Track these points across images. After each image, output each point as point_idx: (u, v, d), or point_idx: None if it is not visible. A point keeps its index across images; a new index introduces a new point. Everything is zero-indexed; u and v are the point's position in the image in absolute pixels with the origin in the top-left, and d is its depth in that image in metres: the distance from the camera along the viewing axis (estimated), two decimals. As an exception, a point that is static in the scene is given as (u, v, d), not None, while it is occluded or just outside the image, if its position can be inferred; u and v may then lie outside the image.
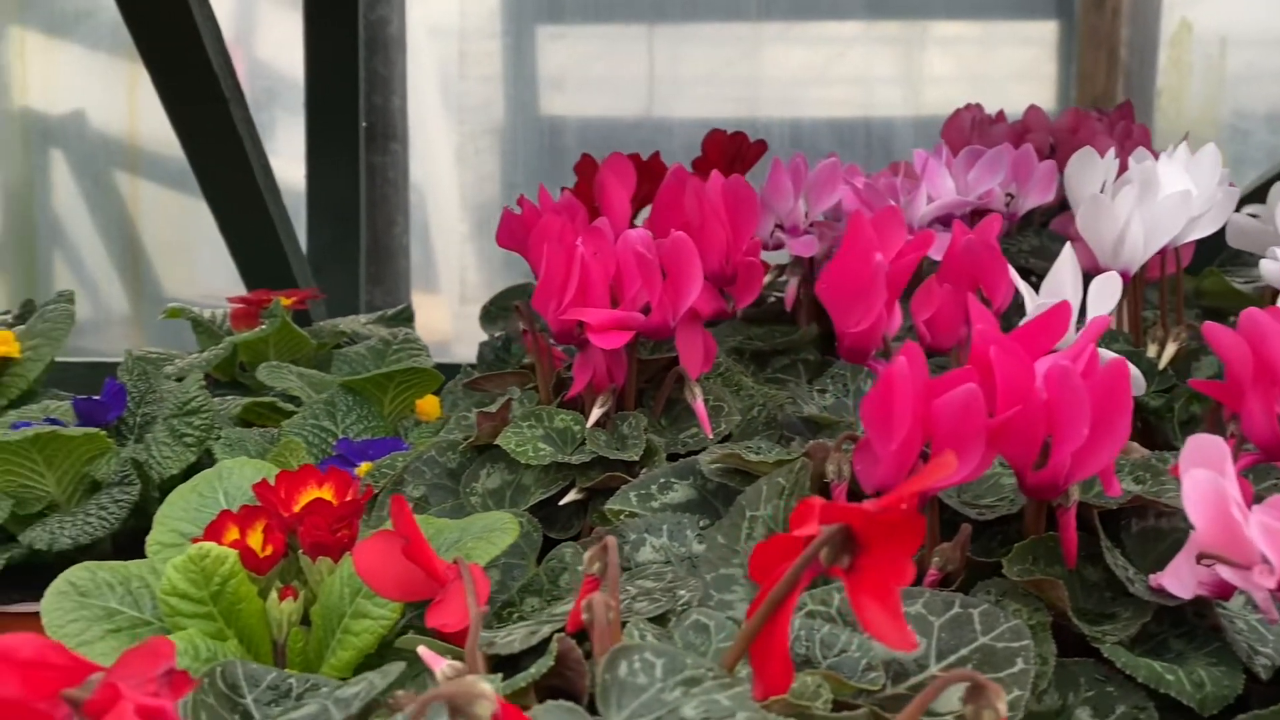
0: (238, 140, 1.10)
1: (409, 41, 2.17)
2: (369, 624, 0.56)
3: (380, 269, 1.74)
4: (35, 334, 0.98)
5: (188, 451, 0.78)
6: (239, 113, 1.09)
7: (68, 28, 3.25)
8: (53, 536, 0.73)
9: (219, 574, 0.57)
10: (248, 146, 1.11)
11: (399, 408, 0.94)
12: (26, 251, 3.37)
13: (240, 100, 1.09)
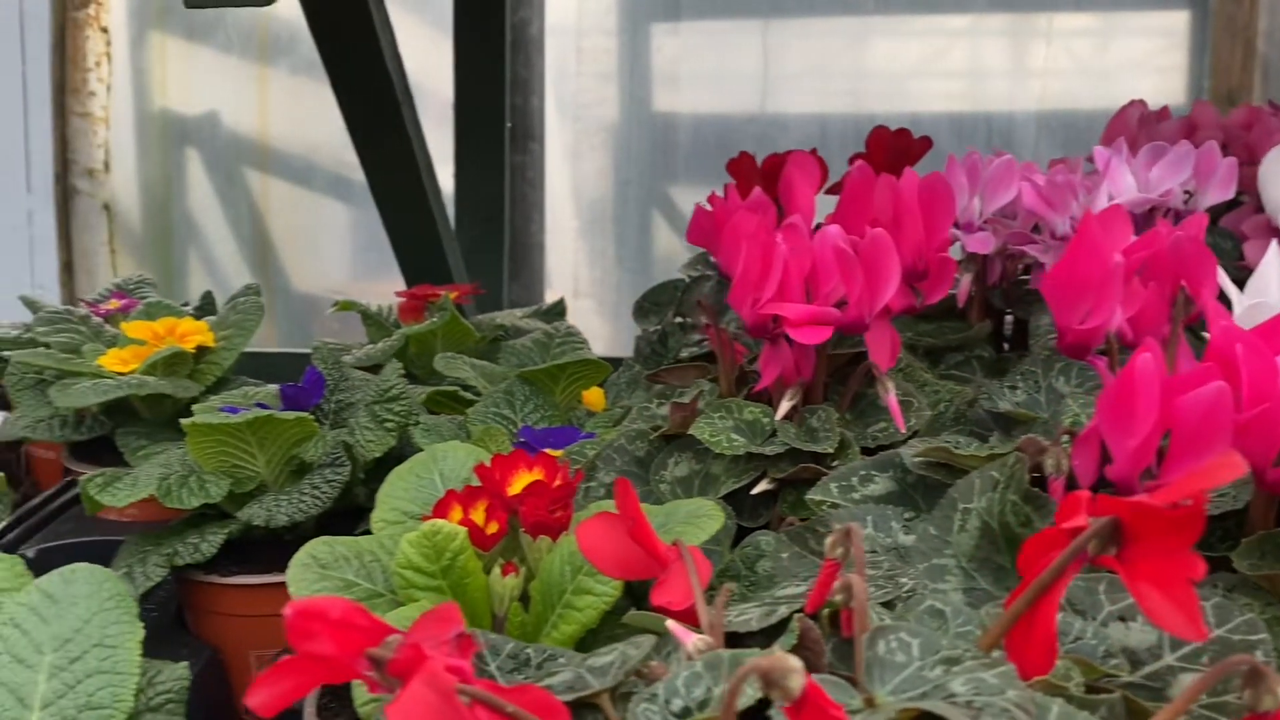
0: (407, 141, 1.15)
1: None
2: (592, 600, 0.59)
3: (517, 265, 1.79)
4: (228, 324, 1.05)
5: (388, 436, 0.83)
6: (409, 114, 1.14)
7: (204, 33, 3.41)
8: (269, 514, 0.78)
9: (449, 549, 0.61)
10: (415, 147, 1.16)
11: (569, 398, 0.97)
12: (164, 246, 3.54)
13: (410, 103, 1.14)
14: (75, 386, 0.93)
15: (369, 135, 1.14)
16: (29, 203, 3.44)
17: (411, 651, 0.42)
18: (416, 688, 0.40)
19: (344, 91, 1.10)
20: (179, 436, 0.97)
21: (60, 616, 0.56)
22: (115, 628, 0.56)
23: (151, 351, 1.00)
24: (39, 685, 0.54)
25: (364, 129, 1.14)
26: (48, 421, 0.98)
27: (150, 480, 0.79)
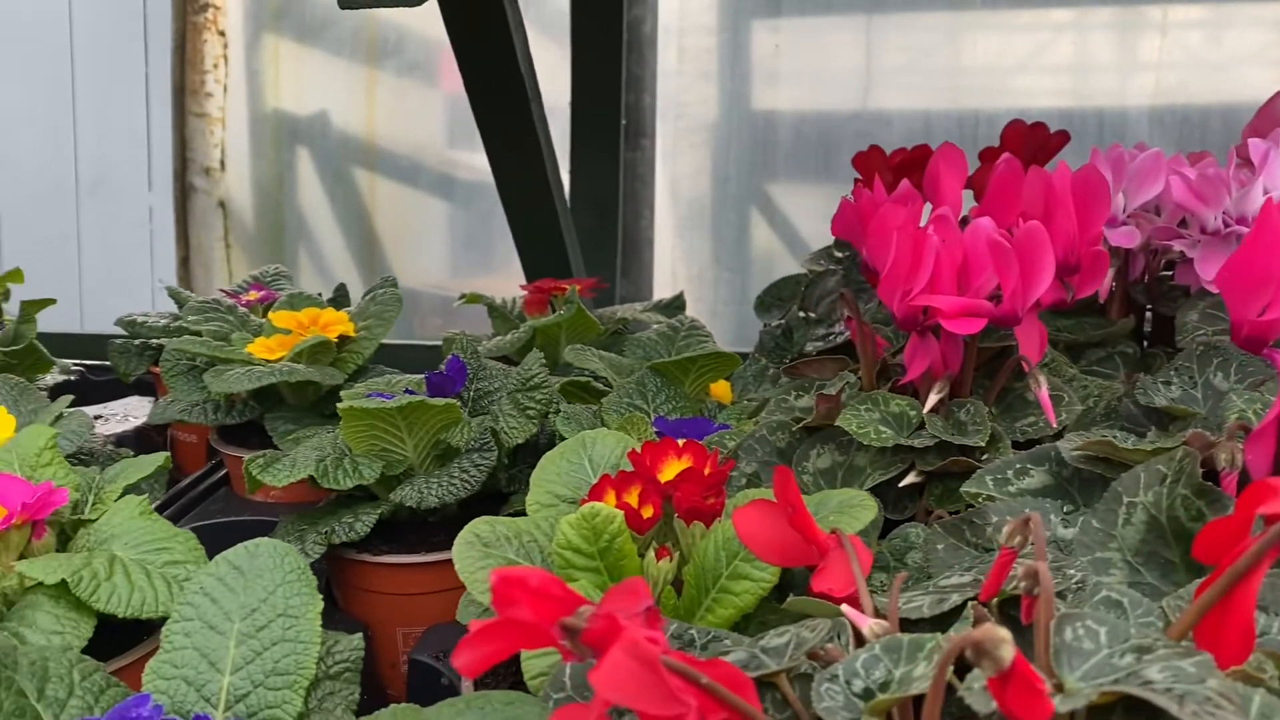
0: (535, 138, 1.17)
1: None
2: (749, 585, 0.60)
3: (627, 261, 1.81)
4: (368, 315, 1.09)
5: (530, 423, 0.85)
6: (538, 112, 1.16)
7: (314, 35, 3.51)
8: (420, 495, 0.81)
9: (608, 532, 0.62)
10: (543, 145, 1.19)
11: (698, 390, 0.98)
12: (275, 242, 3.66)
13: (539, 101, 1.17)
14: (228, 373, 0.98)
15: (499, 132, 1.17)
16: (150, 199, 3.59)
17: (607, 622, 0.43)
18: (618, 656, 0.41)
19: (476, 88, 1.13)
20: (322, 421, 1.02)
21: (247, 587, 0.59)
22: (297, 599, 0.59)
23: (297, 340, 1.04)
24: (229, 650, 0.58)
25: (494, 125, 1.16)
26: (201, 405, 1.03)
27: (308, 462, 0.82)
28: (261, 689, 0.56)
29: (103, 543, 0.73)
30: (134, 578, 0.69)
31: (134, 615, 0.68)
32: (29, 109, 3.49)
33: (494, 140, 1.18)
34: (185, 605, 0.59)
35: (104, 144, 3.55)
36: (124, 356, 1.23)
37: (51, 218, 3.50)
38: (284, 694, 0.56)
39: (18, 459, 0.79)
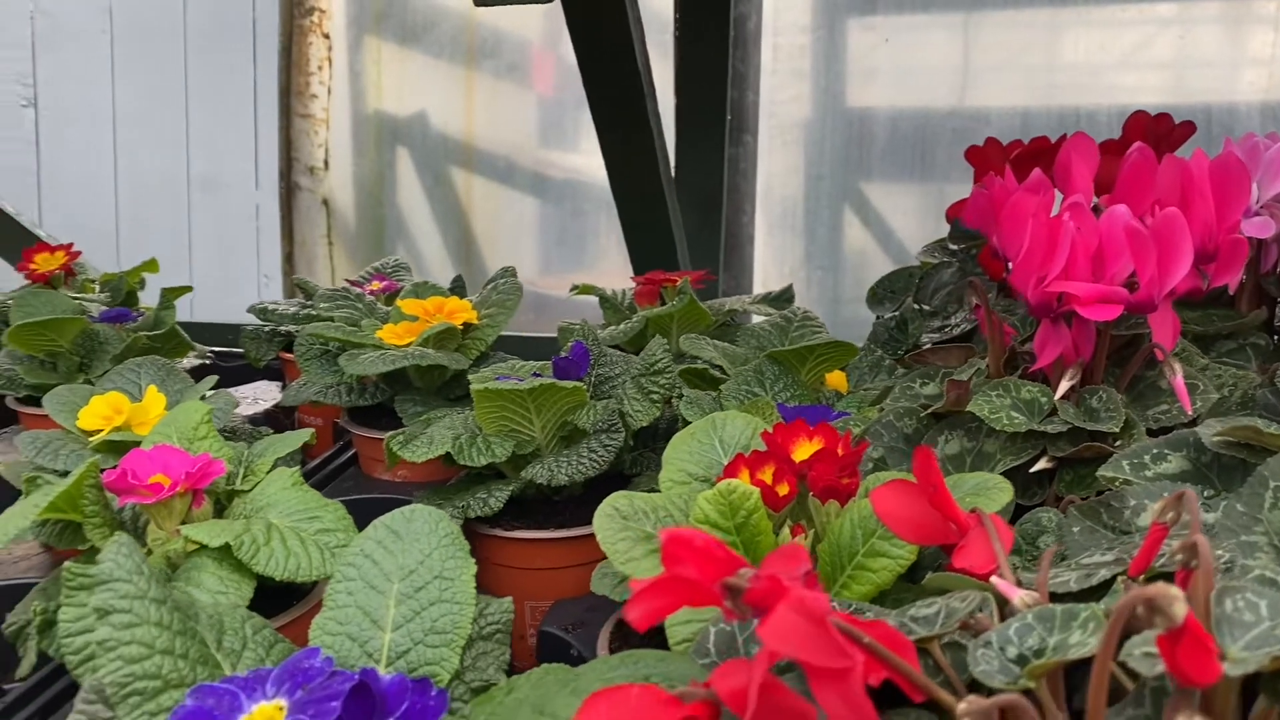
0: (649, 134, 1.19)
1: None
2: (887, 563, 0.61)
3: (728, 255, 1.82)
4: (490, 304, 1.12)
5: (654, 407, 0.87)
6: (652, 107, 1.19)
7: (415, 37, 3.60)
8: (551, 473, 0.84)
9: (744, 508, 0.64)
10: (656, 140, 1.21)
11: (814, 378, 0.99)
12: (375, 240, 3.76)
13: (654, 97, 1.19)
14: (362, 356, 1.02)
15: (614, 127, 1.20)
16: (257, 198, 3.72)
17: (770, 582, 0.45)
18: (785, 612, 0.43)
19: (595, 83, 1.16)
20: (448, 404, 1.06)
21: (405, 550, 0.63)
22: (452, 562, 0.62)
23: (425, 327, 1.08)
24: (389, 609, 0.61)
25: (610, 121, 1.19)
26: (335, 387, 1.07)
27: (444, 440, 0.86)
28: (421, 646, 0.59)
29: (258, 511, 0.77)
30: (289, 544, 0.73)
31: (289, 578, 0.72)
32: (148, 109, 3.64)
33: (609, 135, 1.21)
34: (347, 566, 0.62)
35: (214, 144, 3.68)
36: (255, 342, 1.29)
37: (165, 213, 3.66)
38: (442, 651, 0.59)
39: (176, 432, 0.84)
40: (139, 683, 0.54)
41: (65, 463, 0.91)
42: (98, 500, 0.76)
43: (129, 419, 0.95)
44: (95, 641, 0.54)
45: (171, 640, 0.56)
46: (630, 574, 0.65)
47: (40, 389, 1.16)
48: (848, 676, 0.42)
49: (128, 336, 1.16)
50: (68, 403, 0.97)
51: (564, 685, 0.52)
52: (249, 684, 0.56)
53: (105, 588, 0.56)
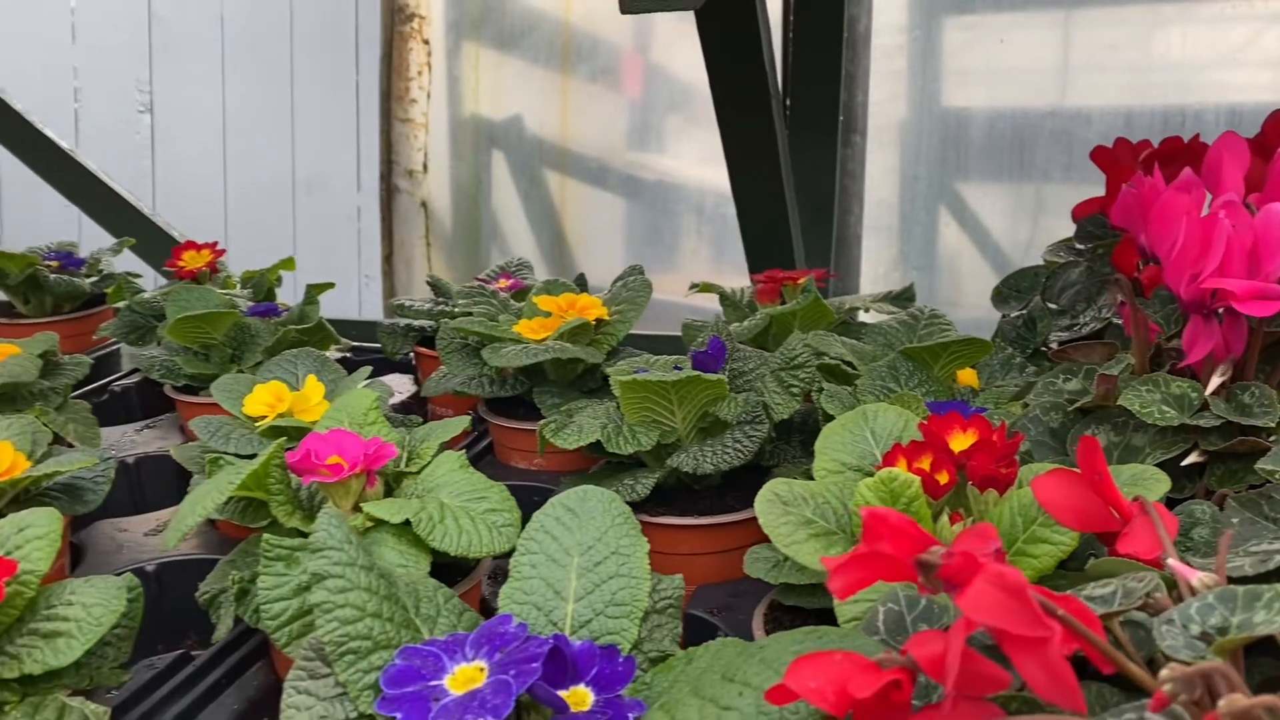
0: (773, 134, 1.23)
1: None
2: (1049, 549, 0.63)
3: (837, 255, 1.84)
4: (620, 300, 1.16)
5: (793, 400, 0.90)
6: (776, 108, 1.22)
7: (512, 42, 3.68)
8: (696, 462, 0.87)
9: (905, 495, 0.67)
10: (779, 140, 1.24)
11: (946, 375, 1.01)
12: (472, 241, 3.85)
13: (779, 97, 1.22)
14: (504, 350, 1.07)
15: (738, 129, 1.23)
16: (359, 200, 3.84)
17: (965, 558, 0.48)
18: (983, 585, 0.46)
19: (721, 87, 1.19)
20: (582, 396, 1.10)
21: (581, 527, 0.67)
22: (626, 539, 0.66)
23: (559, 322, 1.13)
24: (571, 582, 0.65)
25: (734, 123, 1.22)
26: (478, 379, 1.12)
27: (593, 429, 0.90)
28: (602, 617, 0.63)
29: (429, 491, 0.82)
30: (461, 522, 0.78)
31: (462, 554, 0.77)
32: (256, 114, 3.78)
33: (733, 138, 1.24)
34: (529, 540, 0.67)
35: (318, 147, 3.81)
36: (391, 337, 1.35)
37: (271, 214, 3.80)
38: (622, 622, 0.63)
39: (348, 417, 0.89)
40: (353, 642, 0.59)
41: (236, 446, 0.97)
42: (282, 479, 0.81)
43: (291, 406, 1.02)
44: (313, 604, 0.59)
45: (379, 604, 0.61)
46: (793, 556, 0.68)
47: (196, 378, 1.24)
48: (1047, 645, 0.44)
49: (278, 330, 1.23)
50: (233, 391, 1.04)
51: (750, 656, 0.55)
52: (449, 646, 0.60)
53: (320, 555, 0.61)
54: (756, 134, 1.23)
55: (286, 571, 0.73)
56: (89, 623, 0.70)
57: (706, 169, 3.55)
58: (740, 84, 1.18)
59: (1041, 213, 3.09)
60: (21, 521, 0.75)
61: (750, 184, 1.29)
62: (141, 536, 1.03)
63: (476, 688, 0.57)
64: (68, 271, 1.52)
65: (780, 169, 1.27)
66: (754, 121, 1.22)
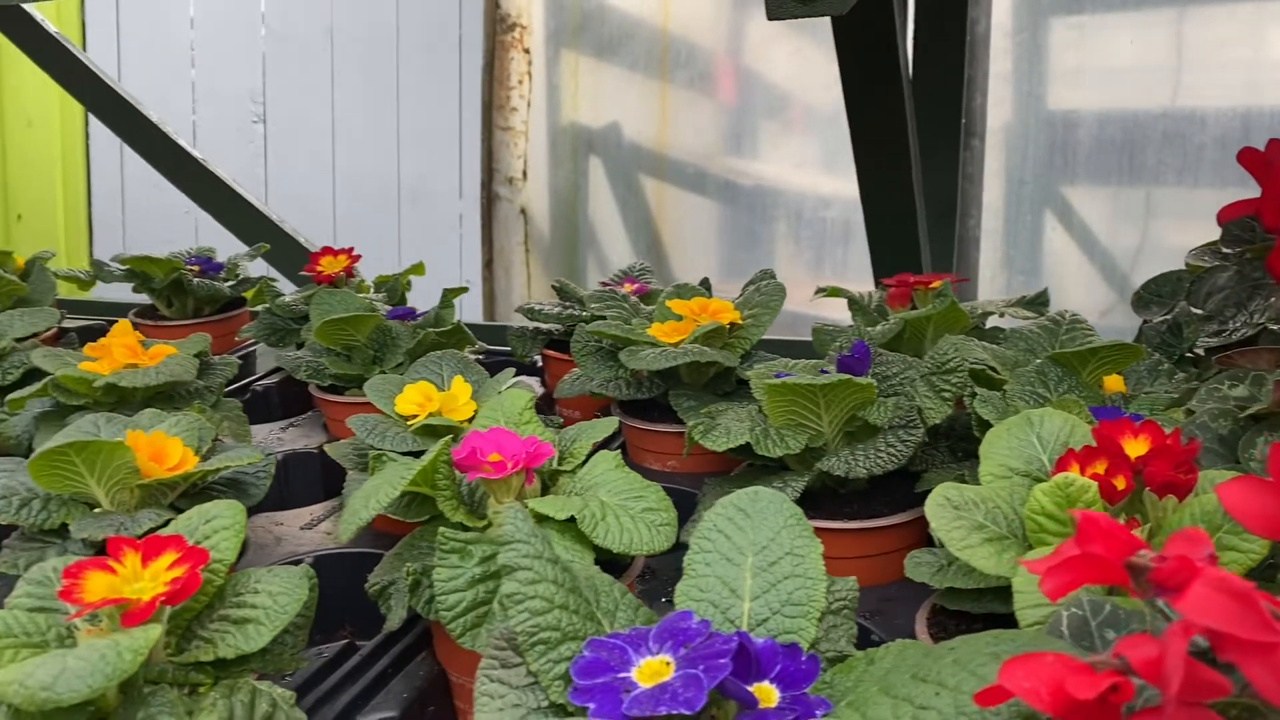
0: (905, 139, 1.22)
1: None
2: (1236, 556, 0.62)
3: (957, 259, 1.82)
4: (753, 304, 1.17)
5: (945, 405, 0.90)
6: (911, 112, 1.21)
7: (611, 50, 3.72)
8: (848, 466, 0.87)
9: (1082, 500, 0.66)
10: (911, 145, 1.24)
11: (1093, 380, 1.00)
12: (569, 247, 3.90)
13: (911, 102, 1.22)
14: (642, 353, 1.08)
15: (871, 136, 1.23)
16: (460, 207, 3.92)
17: (1181, 562, 0.47)
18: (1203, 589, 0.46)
19: (854, 88, 1.19)
20: (716, 398, 1.11)
21: (754, 527, 0.68)
22: (800, 540, 0.67)
23: (693, 326, 1.14)
24: (746, 581, 0.66)
25: (868, 124, 1.22)
26: (615, 381, 1.14)
27: (741, 431, 0.91)
28: (779, 616, 0.64)
29: (587, 489, 0.84)
30: (621, 520, 0.79)
31: (624, 551, 0.78)
32: (363, 123, 3.89)
33: (865, 139, 1.24)
34: (703, 539, 0.68)
35: (422, 156, 3.90)
36: (521, 340, 1.38)
37: (377, 220, 3.90)
38: (799, 621, 0.64)
39: (503, 416, 0.92)
40: (543, 633, 0.61)
41: (391, 443, 1.00)
42: (448, 475, 0.84)
43: (441, 405, 1.05)
44: (505, 594, 0.61)
45: (565, 597, 0.63)
46: (968, 560, 0.68)
47: (339, 379, 1.28)
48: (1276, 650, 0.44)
49: (417, 332, 1.27)
50: (384, 391, 1.07)
51: (939, 657, 0.56)
52: (633, 640, 0.62)
53: (510, 547, 0.63)
54: (889, 138, 1.23)
55: (460, 564, 0.75)
56: (275, 610, 0.73)
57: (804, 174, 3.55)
58: (875, 88, 1.18)
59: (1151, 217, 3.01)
60: (207, 513, 0.79)
61: (881, 188, 1.29)
62: (297, 530, 1.07)
63: (665, 680, 0.58)
64: (208, 276, 1.59)
65: (912, 173, 1.27)
66: (888, 126, 1.22)
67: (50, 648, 0.72)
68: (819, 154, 3.46)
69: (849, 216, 3.32)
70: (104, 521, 0.90)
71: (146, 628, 0.68)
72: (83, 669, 0.64)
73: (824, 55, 3.36)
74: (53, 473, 0.91)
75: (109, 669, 0.64)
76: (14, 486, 0.93)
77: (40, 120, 3.88)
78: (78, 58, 2.02)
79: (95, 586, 0.71)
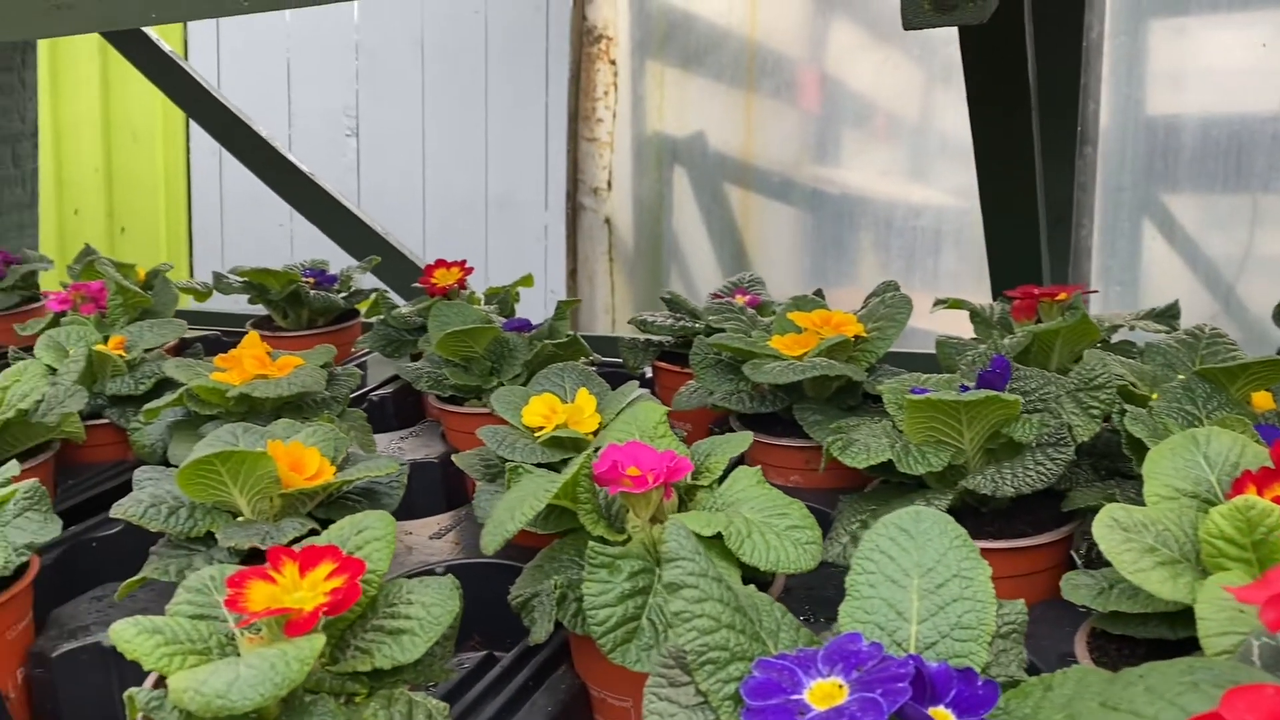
0: (1030, 149, 1.20)
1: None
2: None
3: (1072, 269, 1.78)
4: (878, 316, 1.16)
5: (1093, 422, 0.88)
6: (1036, 121, 1.19)
7: (697, 60, 3.72)
8: (995, 485, 0.86)
9: (1264, 525, 0.64)
10: (1036, 156, 1.21)
11: (1241, 397, 0.96)
12: (653, 256, 3.91)
13: (1035, 113, 1.19)
14: (768, 366, 1.08)
15: (995, 139, 1.21)
16: (545, 218, 3.95)
17: None
18: None
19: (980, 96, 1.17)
20: (841, 413, 1.10)
21: (919, 548, 0.66)
22: (968, 562, 0.65)
23: (815, 339, 1.13)
24: (912, 603, 0.65)
25: (992, 132, 1.20)
26: (737, 394, 1.14)
27: (881, 448, 0.89)
28: (948, 640, 0.63)
29: (729, 505, 0.83)
30: (767, 537, 0.79)
31: (771, 569, 0.77)
32: (452, 136, 3.95)
33: (989, 147, 1.22)
34: (865, 560, 0.67)
35: (509, 167, 3.94)
36: (633, 352, 1.39)
37: (465, 231, 3.95)
38: (970, 645, 0.62)
39: (638, 430, 0.92)
40: (712, 653, 0.60)
41: (520, 455, 1.01)
42: (589, 489, 0.84)
43: (567, 418, 1.05)
44: (672, 612, 0.61)
45: (732, 616, 0.62)
46: (1141, 584, 0.65)
47: (458, 389, 1.29)
48: None
49: (533, 344, 1.28)
50: (510, 403, 1.08)
51: (1129, 685, 0.54)
52: (802, 661, 0.61)
53: (674, 565, 0.62)
54: (1015, 148, 1.20)
55: (610, 579, 0.75)
56: (429, 621, 0.74)
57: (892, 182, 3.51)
58: (1002, 97, 1.16)
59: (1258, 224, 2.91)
60: (359, 523, 0.80)
61: (1004, 198, 1.27)
62: (427, 539, 1.09)
63: (840, 704, 0.57)
64: (323, 288, 1.62)
65: (1036, 183, 1.24)
66: (1013, 135, 1.19)
67: (212, 654, 0.73)
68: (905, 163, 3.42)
69: (940, 225, 3.28)
70: (249, 530, 0.92)
71: (311, 638, 0.69)
72: (254, 678, 0.65)
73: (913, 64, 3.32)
74: (199, 482, 0.93)
75: (279, 678, 0.65)
76: (161, 495, 0.95)
77: (144, 135, 4.01)
78: (190, 75, 2.08)
79: (258, 596, 0.72)
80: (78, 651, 0.93)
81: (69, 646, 0.93)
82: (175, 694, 0.65)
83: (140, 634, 0.71)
